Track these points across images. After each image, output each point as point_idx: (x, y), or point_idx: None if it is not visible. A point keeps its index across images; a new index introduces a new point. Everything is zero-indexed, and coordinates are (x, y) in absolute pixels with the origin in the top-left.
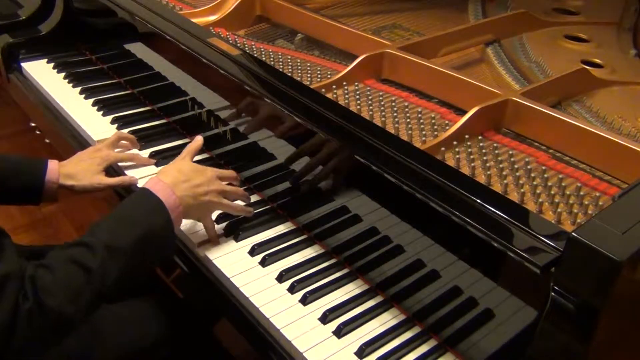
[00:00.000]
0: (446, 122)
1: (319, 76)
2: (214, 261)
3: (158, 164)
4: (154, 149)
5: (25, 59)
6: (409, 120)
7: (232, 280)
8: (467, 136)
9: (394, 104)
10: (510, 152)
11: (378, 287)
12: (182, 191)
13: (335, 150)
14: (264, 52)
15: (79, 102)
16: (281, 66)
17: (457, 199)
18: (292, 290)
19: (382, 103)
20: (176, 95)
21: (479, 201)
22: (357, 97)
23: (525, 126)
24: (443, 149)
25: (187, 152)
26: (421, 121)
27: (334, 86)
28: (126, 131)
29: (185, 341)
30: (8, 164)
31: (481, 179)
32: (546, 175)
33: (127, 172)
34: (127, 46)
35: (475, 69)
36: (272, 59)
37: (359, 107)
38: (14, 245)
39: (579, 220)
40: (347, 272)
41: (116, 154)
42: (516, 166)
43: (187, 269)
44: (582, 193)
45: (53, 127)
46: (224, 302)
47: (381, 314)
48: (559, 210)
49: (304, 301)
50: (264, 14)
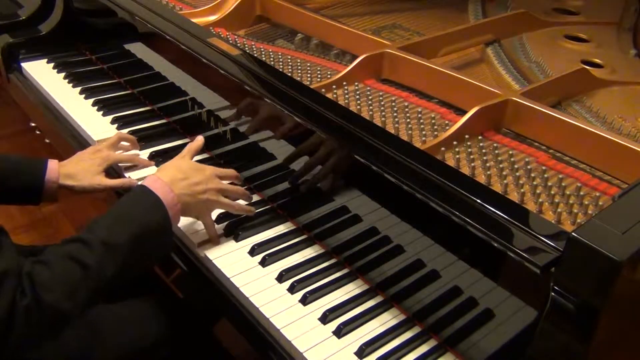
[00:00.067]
0: (446, 122)
1: (319, 76)
2: (214, 261)
3: (158, 164)
4: (154, 149)
5: (25, 59)
6: (409, 120)
7: (232, 280)
8: (467, 136)
9: (394, 104)
10: (510, 152)
11: (378, 287)
12: (180, 189)
13: (335, 150)
14: (264, 52)
15: (79, 102)
16: (281, 66)
17: (457, 199)
18: (292, 290)
19: (382, 103)
20: (176, 95)
21: (479, 201)
22: (357, 97)
23: (525, 126)
24: (443, 149)
25: (187, 151)
26: (421, 121)
27: (334, 86)
28: (126, 131)
29: (185, 341)
30: (8, 163)
31: (481, 179)
32: (546, 175)
33: (127, 173)
34: (127, 46)
35: (475, 69)
36: (272, 59)
37: (359, 107)
38: (11, 242)
39: (579, 220)
40: (347, 272)
41: (116, 154)
42: (516, 166)
43: (187, 268)
44: (582, 193)
45: (53, 127)
46: (224, 302)
47: (381, 314)
48: (559, 210)
49: (304, 301)
50: (264, 14)
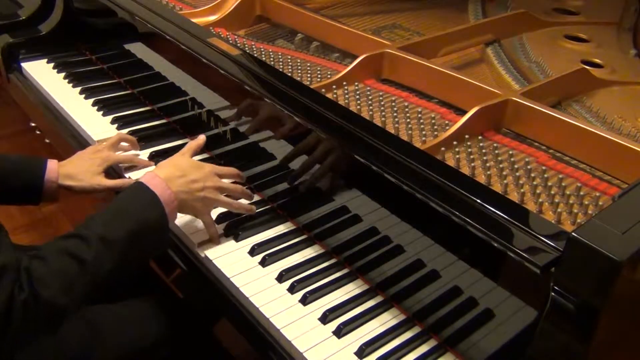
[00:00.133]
0: (446, 122)
1: (319, 76)
2: (214, 261)
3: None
4: (154, 149)
5: (25, 59)
6: (409, 120)
7: (232, 280)
8: (467, 136)
9: (394, 104)
10: (510, 152)
11: (378, 287)
12: (177, 186)
13: (335, 150)
14: (264, 52)
15: (79, 102)
16: (281, 66)
17: (457, 199)
18: (292, 290)
19: (382, 103)
20: (176, 95)
21: (479, 201)
22: (357, 97)
23: (525, 126)
24: (443, 149)
25: (187, 149)
26: (421, 121)
27: (334, 86)
28: (126, 131)
29: (185, 341)
30: (7, 163)
31: (481, 179)
32: (546, 175)
33: (128, 174)
34: (127, 46)
35: (475, 69)
36: (272, 59)
37: (359, 107)
38: (9, 238)
39: (579, 220)
40: (347, 272)
41: (116, 155)
42: (516, 166)
43: (187, 268)
44: (582, 193)
45: (53, 127)
46: (224, 302)
47: (381, 314)
48: (559, 210)
49: (304, 301)
50: (264, 14)
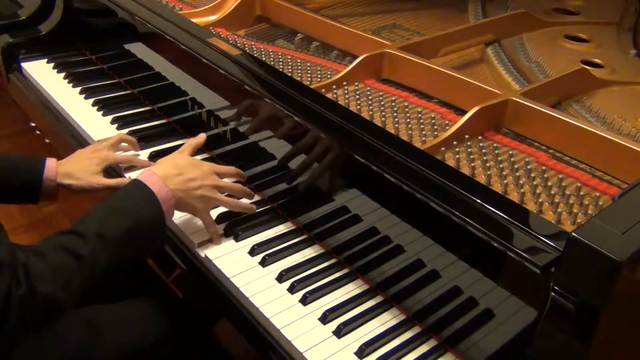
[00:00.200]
0: (446, 122)
1: (319, 76)
2: (214, 261)
3: None
4: (154, 149)
5: (25, 59)
6: (409, 120)
7: (232, 280)
8: (467, 136)
9: (394, 104)
10: (510, 152)
11: (378, 287)
12: (174, 184)
13: (335, 150)
14: (264, 52)
15: (79, 102)
16: (281, 66)
17: (457, 199)
18: (292, 290)
19: (382, 103)
20: (176, 95)
21: (479, 201)
22: (357, 97)
23: (525, 126)
24: (443, 149)
25: (186, 146)
26: (421, 121)
27: (334, 86)
28: (126, 131)
29: (185, 341)
30: (6, 162)
31: (481, 179)
32: (546, 175)
33: (128, 174)
34: (127, 46)
35: (475, 69)
36: (272, 59)
37: (359, 107)
38: (6, 234)
39: (579, 220)
40: (347, 272)
41: (116, 155)
42: (516, 166)
43: (187, 268)
44: (582, 193)
45: (53, 127)
46: (224, 302)
47: (381, 314)
48: (559, 210)
49: (304, 301)
50: (264, 14)
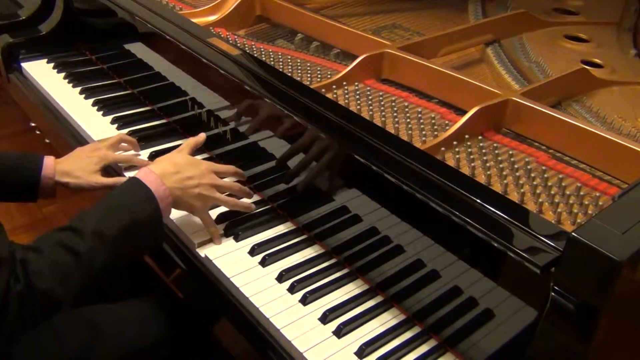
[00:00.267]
0: (446, 122)
1: (319, 76)
2: (214, 261)
3: None
4: (154, 149)
5: (25, 59)
6: (409, 120)
7: (232, 280)
8: (467, 136)
9: (394, 104)
10: (510, 152)
11: (378, 287)
12: (171, 182)
13: (335, 150)
14: (264, 52)
15: (79, 102)
16: (281, 66)
17: (457, 199)
18: (292, 290)
19: (382, 103)
20: (176, 95)
21: (479, 201)
22: (357, 97)
23: (525, 126)
24: (443, 149)
25: (185, 146)
26: (421, 121)
27: (334, 86)
28: (126, 131)
29: (185, 341)
30: (4, 160)
31: (481, 179)
32: (546, 175)
33: (127, 173)
34: (127, 46)
35: (475, 69)
36: (272, 59)
37: (359, 107)
38: (4, 230)
39: (579, 220)
40: (347, 272)
41: (114, 154)
42: (516, 166)
43: (187, 268)
44: (582, 193)
45: (53, 127)
46: (224, 302)
47: (381, 314)
48: (559, 210)
49: (304, 301)
50: (264, 14)
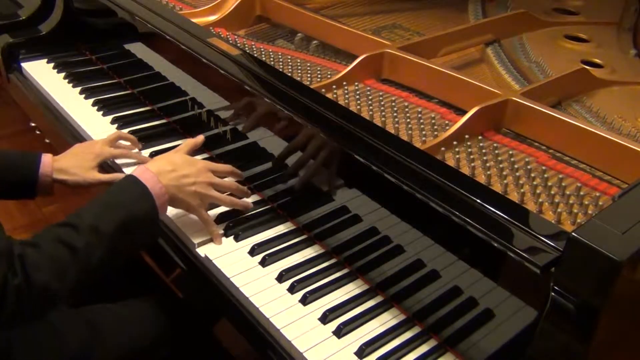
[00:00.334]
0: (446, 122)
1: (319, 76)
2: (214, 261)
3: None
4: (154, 149)
5: (25, 59)
6: (409, 120)
7: (232, 280)
8: (467, 136)
9: (394, 104)
10: (510, 152)
11: (378, 287)
12: (167, 180)
13: (336, 150)
14: (264, 52)
15: (79, 102)
16: (281, 66)
17: (457, 199)
18: (292, 290)
19: (382, 103)
20: (176, 95)
21: (479, 201)
22: (357, 97)
23: (525, 126)
24: (443, 149)
25: (184, 146)
26: (421, 121)
27: (334, 86)
28: (126, 131)
29: (185, 341)
30: (1, 158)
31: (481, 179)
32: (546, 175)
33: (126, 169)
34: (127, 46)
35: (475, 69)
36: (272, 59)
37: (359, 107)
38: (1, 225)
39: (579, 220)
40: (347, 272)
41: (110, 150)
42: (516, 166)
43: (187, 268)
44: (582, 193)
45: (53, 127)
46: (223, 302)
47: (381, 314)
48: (559, 210)
49: (304, 301)
50: (264, 14)
